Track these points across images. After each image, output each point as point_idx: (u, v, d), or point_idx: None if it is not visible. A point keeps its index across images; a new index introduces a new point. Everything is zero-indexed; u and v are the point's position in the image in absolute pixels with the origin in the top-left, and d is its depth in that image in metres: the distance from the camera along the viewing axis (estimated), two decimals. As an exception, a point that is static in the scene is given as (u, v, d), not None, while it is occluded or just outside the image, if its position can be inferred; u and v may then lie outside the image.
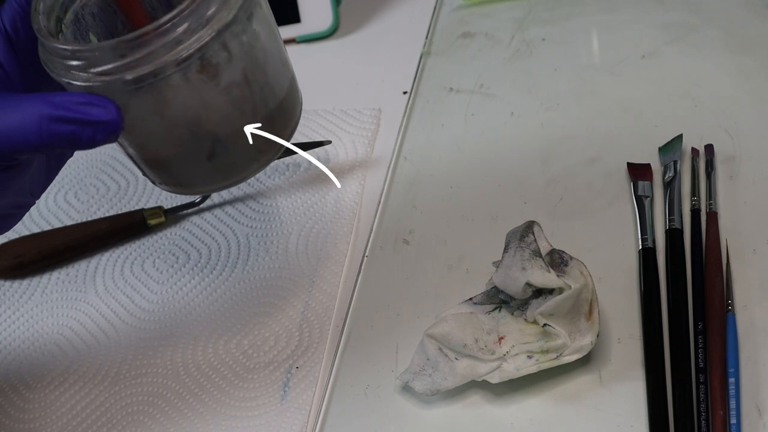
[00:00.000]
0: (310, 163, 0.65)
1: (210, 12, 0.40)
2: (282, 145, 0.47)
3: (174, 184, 0.47)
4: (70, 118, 0.39)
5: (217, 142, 0.44)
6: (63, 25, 0.44)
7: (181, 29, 0.40)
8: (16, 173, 0.43)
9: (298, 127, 0.68)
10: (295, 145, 0.63)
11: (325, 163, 0.65)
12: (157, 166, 0.46)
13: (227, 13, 0.41)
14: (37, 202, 0.47)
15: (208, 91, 0.42)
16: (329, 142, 0.65)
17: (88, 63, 0.40)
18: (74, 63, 0.40)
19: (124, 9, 0.45)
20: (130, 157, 0.46)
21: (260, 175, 0.65)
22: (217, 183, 0.47)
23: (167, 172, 0.46)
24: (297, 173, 0.65)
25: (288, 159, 0.65)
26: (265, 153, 0.47)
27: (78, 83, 0.40)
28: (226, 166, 0.46)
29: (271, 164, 0.64)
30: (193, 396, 0.54)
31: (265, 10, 0.45)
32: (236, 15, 0.41)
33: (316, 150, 0.65)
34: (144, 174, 0.47)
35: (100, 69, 0.40)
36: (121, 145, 0.45)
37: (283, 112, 0.46)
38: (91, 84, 0.40)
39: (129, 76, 0.39)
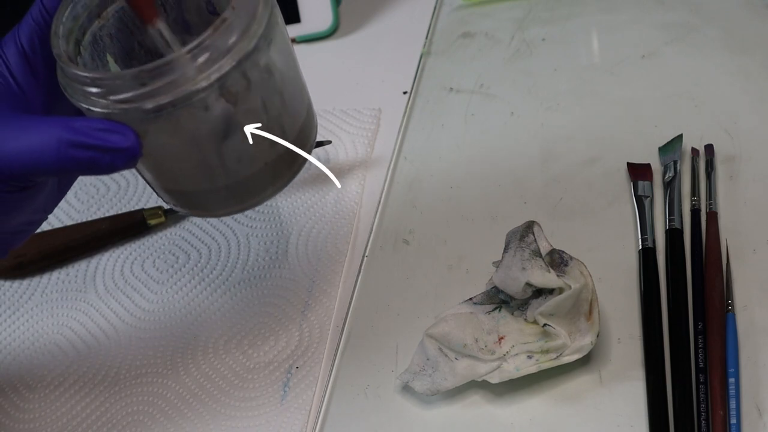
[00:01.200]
0: (309, 162, 0.65)
1: (231, 41, 0.40)
2: (298, 170, 0.47)
3: (189, 207, 0.47)
4: (89, 144, 0.39)
5: (235, 167, 0.44)
6: (81, 47, 0.44)
7: (202, 59, 0.39)
8: (32, 194, 0.43)
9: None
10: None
11: (325, 163, 0.65)
12: (173, 190, 0.46)
13: (248, 42, 0.41)
14: None
15: (228, 118, 0.42)
16: (329, 142, 0.65)
17: (108, 90, 0.40)
18: (94, 90, 0.40)
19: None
20: (146, 181, 0.46)
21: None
22: (232, 207, 0.47)
23: (183, 196, 0.46)
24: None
25: None
26: (281, 177, 0.47)
27: (97, 110, 0.40)
28: (243, 191, 0.46)
29: None
30: (193, 396, 0.54)
31: (284, 34, 0.44)
32: (257, 43, 0.41)
33: (316, 150, 0.65)
34: (159, 196, 0.47)
35: (120, 97, 0.40)
36: (138, 171, 0.45)
37: (299, 137, 0.47)
38: (110, 111, 0.40)
39: (149, 105, 0.39)
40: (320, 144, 0.64)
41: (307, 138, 0.48)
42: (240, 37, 0.40)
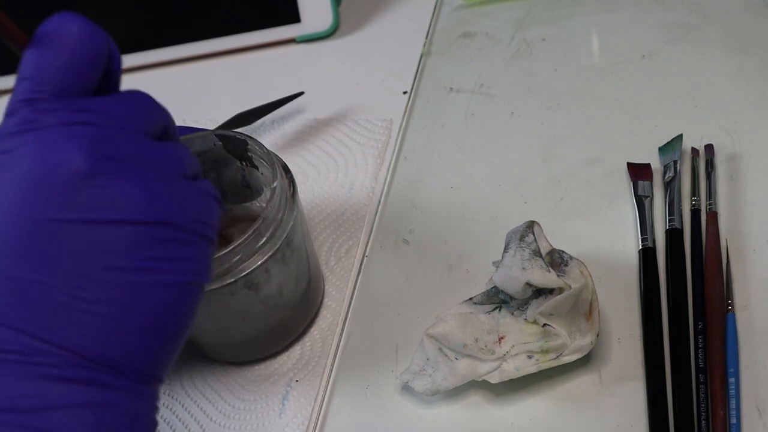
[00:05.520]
0: (318, 174, 0.65)
1: (259, 244, 0.46)
2: (306, 328, 0.55)
3: (234, 355, 0.54)
4: None
5: (249, 333, 0.52)
6: None
7: (235, 259, 0.46)
8: None
9: (302, 127, 0.67)
10: (269, 104, 0.68)
11: (335, 174, 0.65)
12: (195, 344, 0.53)
13: (273, 244, 0.47)
14: None
15: (248, 301, 0.48)
16: (302, 93, 0.69)
17: None
18: None
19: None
20: None
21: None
22: (241, 358, 0.54)
23: (203, 348, 0.54)
24: (306, 183, 0.64)
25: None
26: (287, 339, 0.54)
27: None
28: (253, 349, 0.54)
29: None
30: (192, 405, 0.54)
31: (302, 223, 0.51)
32: (280, 245, 0.48)
33: (328, 162, 0.65)
34: (205, 351, 0.54)
35: None
36: (203, 338, 0.52)
37: (306, 302, 0.54)
38: None
39: (220, 284, 0.46)
40: (293, 97, 0.68)
41: (314, 300, 0.55)
42: (267, 240, 0.47)
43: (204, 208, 0.36)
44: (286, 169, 0.51)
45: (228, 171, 0.53)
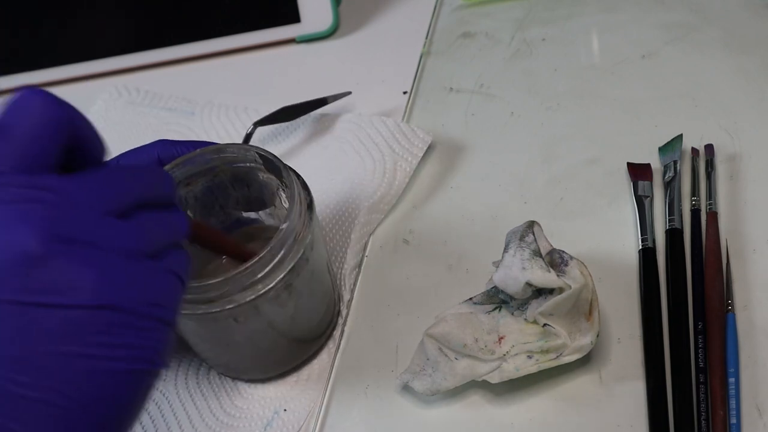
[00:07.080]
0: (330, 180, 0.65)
1: (278, 259, 0.46)
2: (317, 350, 0.54)
3: (224, 371, 0.54)
4: None
5: (256, 353, 0.51)
6: None
7: (260, 275, 0.45)
8: None
9: (301, 126, 0.67)
10: (316, 101, 0.68)
11: (335, 174, 0.63)
12: (218, 359, 0.53)
13: (292, 259, 0.46)
14: None
15: (273, 315, 0.48)
16: (349, 92, 0.68)
17: None
18: None
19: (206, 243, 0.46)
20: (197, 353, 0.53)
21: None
22: (260, 374, 0.54)
23: (225, 364, 0.53)
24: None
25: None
26: (301, 356, 0.54)
27: None
28: (272, 365, 0.53)
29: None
30: (193, 401, 0.54)
31: (319, 238, 0.50)
32: (299, 260, 0.47)
33: (328, 162, 0.64)
34: (201, 358, 0.54)
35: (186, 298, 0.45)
36: (195, 348, 0.52)
37: (319, 326, 0.53)
38: None
39: (187, 311, 0.46)
40: (342, 95, 0.68)
41: (332, 312, 0.55)
42: (286, 254, 0.46)
43: (163, 289, 0.34)
44: (305, 187, 0.50)
45: (252, 186, 0.53)
